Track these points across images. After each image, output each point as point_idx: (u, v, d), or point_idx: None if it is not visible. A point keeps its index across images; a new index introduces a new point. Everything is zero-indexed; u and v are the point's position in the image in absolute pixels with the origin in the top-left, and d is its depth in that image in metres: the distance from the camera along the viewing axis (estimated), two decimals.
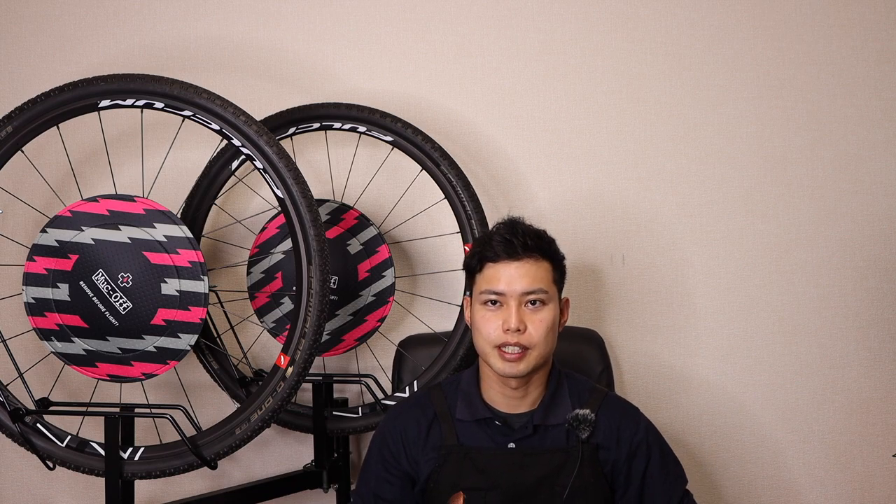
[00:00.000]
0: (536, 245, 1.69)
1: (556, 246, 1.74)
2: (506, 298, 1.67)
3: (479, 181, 2.31)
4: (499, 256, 1.68)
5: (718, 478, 2.35)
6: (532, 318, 1.67)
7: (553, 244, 1.74)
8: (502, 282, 1.67)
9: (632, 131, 2.36)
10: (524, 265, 1.68)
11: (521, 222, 1.74)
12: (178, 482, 2.22)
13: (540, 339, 1.67)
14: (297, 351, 1.87)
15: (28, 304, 1.90)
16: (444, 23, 2.35)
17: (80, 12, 2.34)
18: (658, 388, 2.34)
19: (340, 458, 2.18)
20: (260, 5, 2.35)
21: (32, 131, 1.90)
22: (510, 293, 1.67)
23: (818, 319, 2.36)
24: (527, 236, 1.69)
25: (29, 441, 1.92)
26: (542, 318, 1.68)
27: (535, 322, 1.67)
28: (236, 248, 2.28)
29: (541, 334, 1.67)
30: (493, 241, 1.70)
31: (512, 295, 1.67)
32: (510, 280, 1.67)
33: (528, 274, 1.67)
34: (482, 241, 1.75)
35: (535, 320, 1.67)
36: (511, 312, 1.66)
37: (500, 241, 1.69)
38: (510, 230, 1.70)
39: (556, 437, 1.72)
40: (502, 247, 1.68)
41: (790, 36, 2.37)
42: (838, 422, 2.35)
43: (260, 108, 2.13)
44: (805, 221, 2.36)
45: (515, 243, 1.68)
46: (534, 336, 1.67)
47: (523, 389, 1.72)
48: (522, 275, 1.67)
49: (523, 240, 1.68)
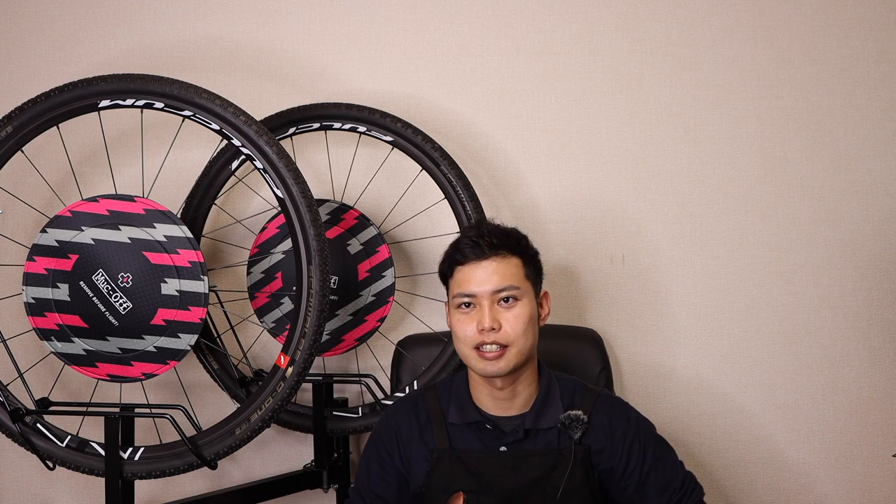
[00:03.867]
0: (503, 242, 1.70)
1: (528, 242, 1.75)
2: (478, 299, 1.68)
3: (479, 181, 2.31)
4: (467, 258, 1.70)
5: (718, 478, 2.35)
6: (506, 315, 1.67)
7: (523, 240, 1.74)
8: (473, 283, 1.68)
9: (632, 131, 2.36)
10: (492, 264, 1.68)
11: (487, 223, 1.75)
12: (178, 482, 2.22)
13: (517, 334, 1.67)
14: (297, 351, 1.87)
15: (28, 304, 1.90)
16: (444, 23, 2.35)
17: (80, 12, 2.34)
18: (657, 388, 2.34)
19: (340, 459, 2.18)
20: (260, 5, 2.35)
21: (32, 131, 1.90)
22: (481, 293, 1.68)
23: (818, 319, 2.36)
24: (492, 235, 1.70)
25: (29, 441, 1.92)
26: (517, 313, 1.68)
27: (509, 319, 1.67)
28: (236, 248, 2.28)
29: (517, 330, 1.67)
30: (461, 244, 1.72)
31: (483, 295, 1.68)
32: (480, 280, 1.68)
33: (496, 272, 1.68)
34: (451, 247, 1.75)
35: (509, 317, 1.67)
36: (484, 312, 1.67)
37: (467, 244, 1.70)
38: (476, 232, 1.72)
39: (549, 439, 1.72)
40: (469, 249, 1.70)
41: (790, 36, 2.37)
42: (838, 422, 2.35)
43: (260, 108, 2.13)
44: (805, 221, 2.36)
45: (482, 243, 1.69)
46: (510, 333, 1.67)
47: (510, 390, 1.72)
48: (491, 273, 1.68)
49: (489, 239, 1.69)
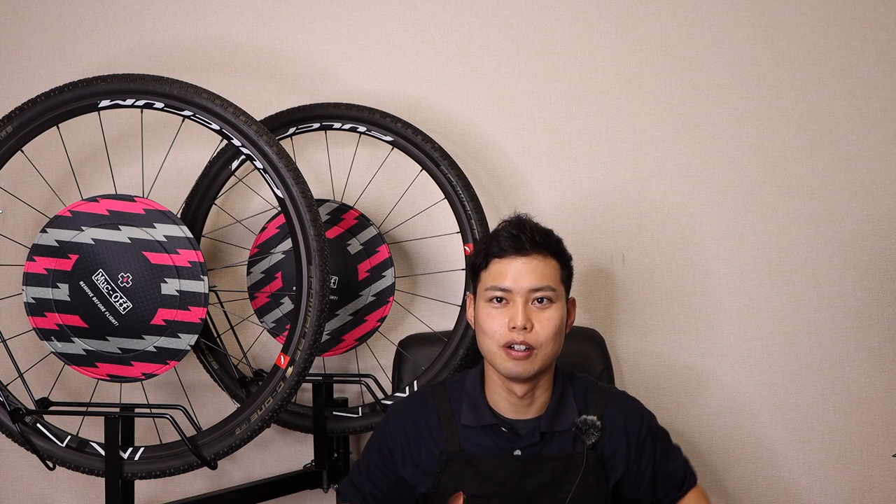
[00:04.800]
0: (545, 242, 1.64)
1: (564, 245, 1.70)
2: (512, 295, 1.61)
3: (479, 181, 2.31)
4: (505, 252, 1.63)
5: (719, 477, 2.35)
6: (539, 316, 1.61)
7: (561, 243, 1.69)
8: (509, 277, 1.62)
9: (632, 131, 2.36)
10: (532, 261, 1.62)
11: (528, 219, 1.68)
12: (178, 482, 2.22)
13: (547, 338, 1.61)
14: (297, 351, 1.87)
15: (28, 304, 1.90)
16: (444, 23, 2.35)
17: (80, 12, 2.34)
18: (658, 388, 2.34)
19: (340, 459, 2.18)
20: (260, 5, 2.35)
21: (32, 131, 1.90)
22: (517, 290, 1.61)
23: (818, 319, 2.36)
24: (535, 232, 1.64)
25: (29, 441, 1.92)
26: (550, 316, 1.62)
27: (542, 321, 1.61)
28: (236, 248, 2.28)
29: (548, 334, 1.61)
30: (500, 236, 1.65)
31: (519, 291, 1.61)
32: (517, 276, 1.61)
33: (535, 270, 1.61)
34: (488, 238, 1.69)
35: (542, 319, 1.61)
36: (518, 310, 1.60)
37: (507, 237, 1.63)
38: (517, 226, 1.65)
39: (563, 443, 1.69)
40: (509, 242, 1.63)
41: (790, 36, 2.37)
42: (838, 422, 2.35)
43: (260, 108, 2.13)
44: (805, 221, 2.36)
45: (523, 238, 1.62)
46: (541, 335, 1.60)
47: (529, 397, 1.67)
48: (530, 270, 1.61)
49: (531, 235, 1.63)
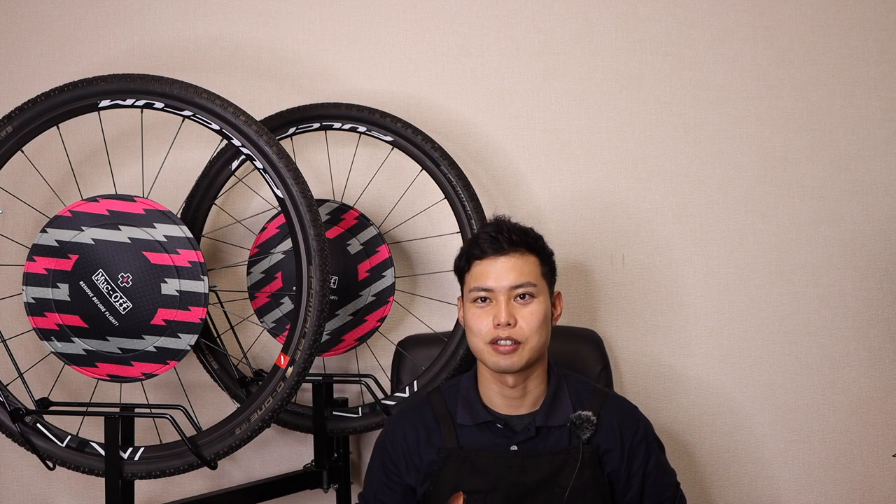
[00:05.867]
0: (522, 240, 1.72)
1: (544, 242, 1.77)
2: (495, 294, 1.69)
3: (479, 181, 2.31)
4: (485, 253, 1.71)
5: (718, 478, 2.35)
6: (522, 311, 1.69)
7: (540, 240, 1.76)
8: (490, 277, 1.70)
9: (631, 131, 2.36)
10: (511, 259, 1.70)
11: (505, 220, 1.76)
12: (178, 482, 2.22)
13: (532, 331, 1.68)
14: (297, 351, 1.87)
15: (28, 304, 1.90)
16: (444, 23, 2.35)
17: (80, 12, 2.34)
18: (657, 388, 2.34)
19: (340, 459, 2.18)
20: (260, 5, 2.35)
21: (32, 131, 1.90)
22: (498, 288, 1.69)
23: (818, 319, 2.36)
24: (512, 232, 1.72)
25: (29, 441, 1.92)
26: (532, 310, 1.69)
27: (525, 315, 1.69)
28: (236, 248, 2.28)
29: (532, 327, 1.68)
30: (480, 239, 1.73)
31: (500, 290, 1.69)
32: (498, 275, 1.69)
33: (515, 268, 1.70)
34: (469, 242, 1.78)
35: (525, 314, 1.69)
36: (501, 307, 1.68)
37: (485, 239, 1.72)
38: (496, 228, 1.74)
39: (558, 438, 1.73)
40: (488, 243, 1.71)
41: (790, 36, 2.37)
42: (838, 422, 2.35)
43: (260, 108, 2.13)
44: (805, 221, 2.36)
45: (501, 239, 1.70)
46: (525, 329, 1.68)
47: (521, 388, 1.73)
48: (510, 269, 1.69)
49: (508, 235, 1.71)
